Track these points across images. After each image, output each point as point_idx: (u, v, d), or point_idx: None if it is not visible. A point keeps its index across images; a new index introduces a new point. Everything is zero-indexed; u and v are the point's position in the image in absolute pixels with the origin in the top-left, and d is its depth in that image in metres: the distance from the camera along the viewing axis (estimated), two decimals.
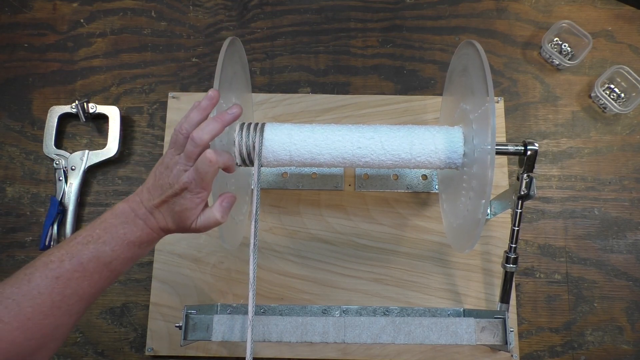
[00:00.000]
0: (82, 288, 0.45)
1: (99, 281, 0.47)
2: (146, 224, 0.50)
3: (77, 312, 0.46)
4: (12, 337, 0.42)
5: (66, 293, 0.45)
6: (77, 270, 0.45)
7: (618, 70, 0.83)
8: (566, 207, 0.81)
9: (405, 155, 0.63)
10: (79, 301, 0.46)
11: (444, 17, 0.90)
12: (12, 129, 0.85)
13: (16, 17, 0.91)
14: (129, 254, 0.49)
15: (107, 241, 0.47)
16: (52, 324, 0.44)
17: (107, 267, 0.47)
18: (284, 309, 0.75)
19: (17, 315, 0.42)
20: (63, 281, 0.44)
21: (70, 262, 0.45)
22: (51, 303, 0.44)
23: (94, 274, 0.46)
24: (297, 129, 0.64)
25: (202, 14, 0.91)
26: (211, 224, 0.51)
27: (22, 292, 0.43)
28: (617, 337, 0.76)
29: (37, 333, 0.43)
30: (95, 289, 0.47)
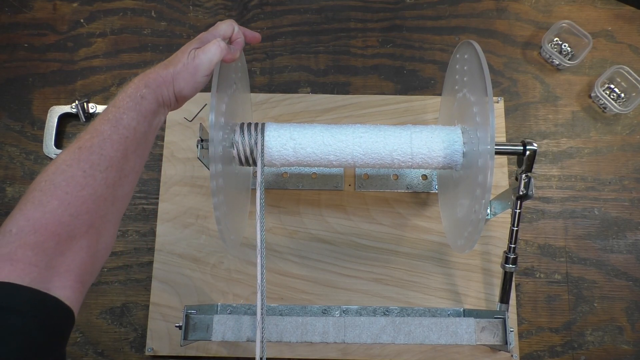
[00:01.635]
0: (106, 151, 0.45)
1: (119, 141, 0.46)
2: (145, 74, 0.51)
3: (113, 184, 0.46)
4: (56, 216, 0.41)
5: (93, 159, 0.45)
6: (94, 136, 0.46)
7: (618, 70, 0.83)
8: (566, 207, 0.81)
9: (405, 156, 0.63)
10: (109, 168, 0.45)
11: (444, 17, 0.90)
12: (12, 129, 0.85)
13: (16, 17, 0.91)
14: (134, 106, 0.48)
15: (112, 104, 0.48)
16: (92, 195, 0.44)
17: (120, 124, 0.47)
18: (284, 309, 0.75)
19: (54, 192, 0.42)
20: (86, 149, 0.45)
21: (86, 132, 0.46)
22: (82, 172, 0.44)
23: (112, 134, 0.46)
24: (299, 129, 0.64)
25: (202, 14, 0.91)
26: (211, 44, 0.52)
27: (52, 171, 0.44)
28: (617, 337, 0.76)
29: (80, 208, 0.43)
30: (120, 152, 0.46)
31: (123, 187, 0.48)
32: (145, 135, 0.50)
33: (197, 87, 0.53)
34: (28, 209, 0.42)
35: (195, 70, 0.52)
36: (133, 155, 0.48)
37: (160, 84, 0.50)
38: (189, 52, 0.52)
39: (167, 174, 0.81)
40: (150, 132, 0.51)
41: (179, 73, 0.51)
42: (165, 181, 0.81)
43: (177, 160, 0.82)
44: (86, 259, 0.44)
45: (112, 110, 0.48)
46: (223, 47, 0.53)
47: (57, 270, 0.41)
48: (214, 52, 0.52)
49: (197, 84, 0.53)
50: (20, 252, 0.39)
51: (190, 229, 0.79)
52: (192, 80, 0.52)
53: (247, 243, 0.78)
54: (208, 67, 0.52)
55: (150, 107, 0.50)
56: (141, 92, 0.49)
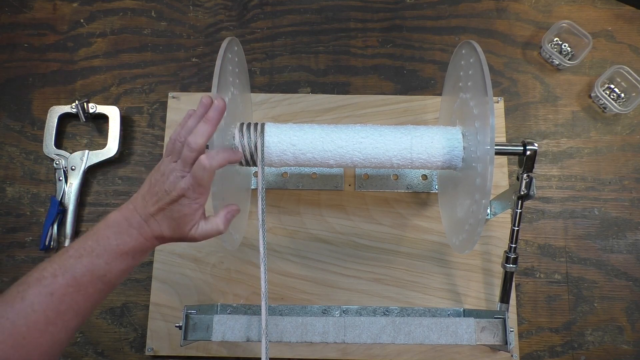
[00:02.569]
0: (77, 303, 0.45)
1: (93, 294, 0.46)
2: (140, 234, 0.49)
3: (73, 328, 0.45)
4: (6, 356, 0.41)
5: (61, 309, 0.43)
6: (70, 285, 0.44)
7: (618, 70, 0.83)
8: (566, 207, 0.81)
9: (405, 156, 0.63)
10: (74, 316, 0.45)
11: (444, 17, 0.90)
12: (12, 129, 0.85)
13: (16, 17, 0.91)
14: (122, 266, 0.48)
15: (100, 254, 0.46)
16: (49, 341, 0.43)
17: (101, 280, 0.46)
18: (284, 309, 0.75)
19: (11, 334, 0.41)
20: (57, 297, 0.43)
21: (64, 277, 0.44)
22: (46, 320, 0.43)
23: (89, 287, 0.45)
24: (299, 129, 0.64)
25: (202, 14, 0.91)
26: (212, 234, 0.51)
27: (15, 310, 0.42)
28: (617, 337, 0.76)
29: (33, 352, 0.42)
30: (90, 303, 0.46)
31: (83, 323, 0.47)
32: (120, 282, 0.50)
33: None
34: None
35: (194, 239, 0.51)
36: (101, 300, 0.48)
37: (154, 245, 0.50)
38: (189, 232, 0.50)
39: None
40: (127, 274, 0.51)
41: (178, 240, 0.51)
42: None
43: None
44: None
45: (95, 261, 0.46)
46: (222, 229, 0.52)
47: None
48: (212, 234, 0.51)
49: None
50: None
51: None
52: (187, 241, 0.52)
53: (247, 243, 0.78)
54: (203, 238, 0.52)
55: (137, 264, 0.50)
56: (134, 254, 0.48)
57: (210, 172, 0.48)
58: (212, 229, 0.51)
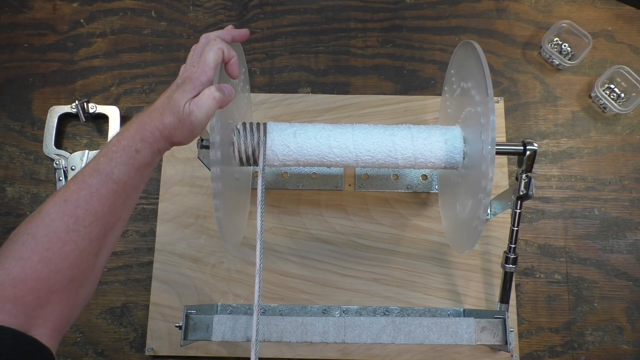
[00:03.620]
0: (93, 206, 0.44)
1: (107, 195, 0.45)
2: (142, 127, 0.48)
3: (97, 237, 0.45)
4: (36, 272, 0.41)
5: (78, 214, 0.43)
6: (81, 188, 0.44)
7: (618, 70, 0.83)
8: (566, 207, 0.81)
9: (406, 156, 0.63)
10: (94, 222, 0.44)
11: (444, 17, 0.90)
12: (12, 129, 0.85)
13: (16, 17, 0.91)
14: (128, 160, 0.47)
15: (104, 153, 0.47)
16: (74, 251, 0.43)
17: (110, 178, 0.45)
18: (284, 309, 0.75)
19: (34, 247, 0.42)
20: (72, 202, 0.44)
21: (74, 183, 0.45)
22: (66, 227, 0.43)
23: (100, 187, 0.45)
24: (301, 128, 0.64)
25: (202, 14, 0.91)
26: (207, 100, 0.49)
27: (34, 224, 0.43)
28: (617, 337, 0.76)
29: (61, 264, 0.42)
30: (107, 207, 0.45)
31: (108, 237, 0.47)
32: (136, 188, 0.48)
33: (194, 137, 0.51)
34: (9, 263, 0.41)
35: (192, 127, 0.49)
36: (121, 207, 0.47)
37: (157, 138, 0.49)
38: (184, 105, 0.49)
39: (167, 174, 0.81)
40: (142, 183, 0.49)
41: (176, 128, 0.49)
42: (165, 181, 0.81)
43: (177, 160, 0.82)
44: (65, 310, 0.43)
45: (103, 161, 0.46)
46: (217, 98, 0.50)
47: (35, 321, 0.41)
48: (209, 106, 0.49)
49: (195, 135, 0.51)
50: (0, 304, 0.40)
51: (190, 229, 0.79)
52: (190, 134, 0.50)
53: (247, 243, 0.78)
54: (205, 121, 0.50)
55: (145, 161, 0.48)
56: (137, 146, 0.47)
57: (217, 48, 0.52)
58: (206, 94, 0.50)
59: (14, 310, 0.40)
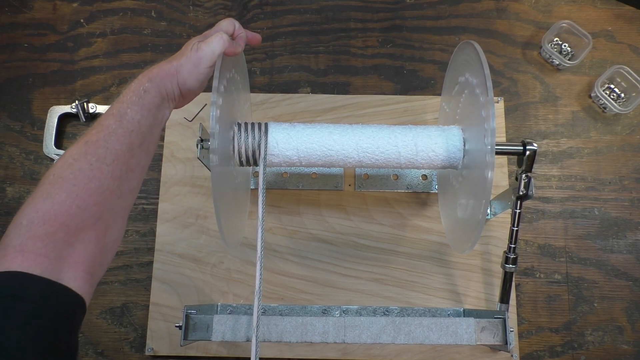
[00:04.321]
0: (112, 144, 0.46)
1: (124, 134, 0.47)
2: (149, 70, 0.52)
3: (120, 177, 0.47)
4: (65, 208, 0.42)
5: (99, 153, 0.46)
6: (100, 131, 0.47)
7: (618, 70, 0.83)
8: (566, 207, 0.81)
9: (407, 156, 0.63)
10: (115, 161, 0.46)
11: (444, 17, 0.90)
12: (12, 129, 0.85)
13: (16, 17, 0.91)
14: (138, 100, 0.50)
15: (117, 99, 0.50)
16: (99, 188, 0.45)
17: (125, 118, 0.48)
18: (284, 309, 0.75)
19: (61, 185, 0.43)
20: (92, 143, 0.46)
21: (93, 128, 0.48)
22: (89, 165, 0.45)
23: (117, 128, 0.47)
24: (302, 128, 0.64)
25: (202, 14, 0.91)
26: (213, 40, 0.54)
27: (59, 165, 0.45)
28: (617, 337, 0.76)
29: (87, 200, 0.44)
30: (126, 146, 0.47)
31: (129, 181, 0.48)
32: (150, 129, 0.50)
33: (200, 78, 0.54)
34: (37, 202, 0.42)
35: (198, 62, 0.53)
36: (138, 149, 0.49)
37: (163, 77, 0.51)
38: (192, 45, 0.53)
39: (167, 174, 0.81)
40: (156, 126, 0.52)
41: (182, 65, 0.52)
42: (165, 181, 0.81)
43: (177, 160, 0.82)
44: (95, 251, 0.44)
45: (116, 105, 0.49)
46: (225, 40, 0.54)
47: (67, 261, 0.42)
48: (217, 43, 0.53)
49: (201, 75, 0.54)
50: (31, 243, 0.40)
51: (190, 229, 0.79)
52: (195, 71, 0.53)
53: (247, 243, 0.78)
54: (211, 59, 0.53)
55: (154, 101, 0.51)
56: (144, 86, 0.50)
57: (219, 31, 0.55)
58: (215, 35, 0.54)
59: (45, 248, 0.41)
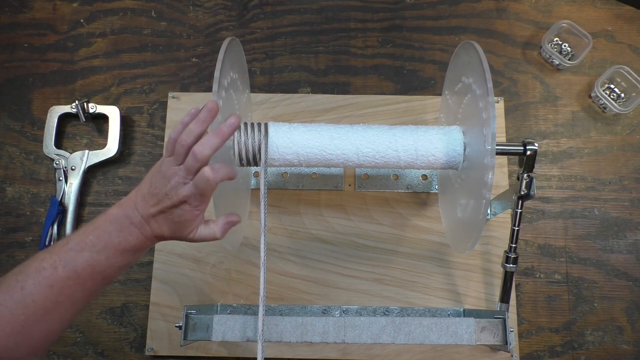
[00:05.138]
0: (75, 295, 0.46)
1: (92, 287, 0.47)
2: (141, 232, 0.49)
3: (69, 319, 0.47)
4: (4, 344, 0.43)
5: (59, 300, 0.45)
6: (70, 278, 0.45)
7: (618, 70, 0.83)
8: (566, 207, 0.81)
9: (408, 156, 0.63)
10: (71, 307, 0.46)
11: (444, 17, 0.90)
12: (12, 129, 0.85)
13: (16, 17, 0.91)
14: (122, 262, 0.49)
15: (101, 250, 0.47)
16: (44, 330, 0.45)
17: (101, 275, 0.47)
18: (284, 309, 0.75)
19: (9, 322, 0.43)
20: (57, 289, 0.44)
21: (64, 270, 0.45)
22: (44, 311, 0.44)
23: (88, 281, 0.46)
24: (303, 128, 0.64)
25: (202, 14, 0.91)
26: (208, 239, 0.52)
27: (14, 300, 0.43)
28: (617, 337, 0.76)
29: (28, 339, 0.44)
30: (87, 295, 0.47)
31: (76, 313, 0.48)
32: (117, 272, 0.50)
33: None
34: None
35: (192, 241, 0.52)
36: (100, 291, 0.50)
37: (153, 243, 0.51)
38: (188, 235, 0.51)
39: None
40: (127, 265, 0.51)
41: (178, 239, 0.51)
42: None
43: None
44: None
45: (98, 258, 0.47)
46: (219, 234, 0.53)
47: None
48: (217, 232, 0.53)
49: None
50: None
51: None
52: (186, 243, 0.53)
53: (247, 243, 0.78)
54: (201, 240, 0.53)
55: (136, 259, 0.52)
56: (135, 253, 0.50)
57: (214, 185, 0.48)
58: (209, 235, 0.52)
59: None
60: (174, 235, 0.51)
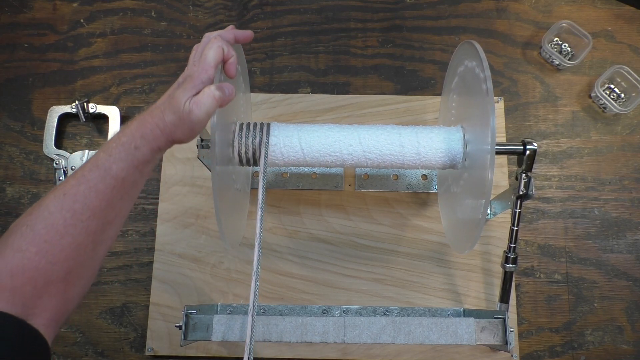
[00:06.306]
0: (91, 200, 0.45)
1: (105, 191, 0.46)
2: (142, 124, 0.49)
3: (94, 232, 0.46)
4: (34, 263, 0.42)
5: (76, 208, 0.44)
6: (80, 183, 0.45)
7: (618, 70, 0.83)
8: (566, 207, 0.81)
9: (411, 156, 0.63)
10: (91, 217, 0.45)
11: (444, 17, 0.90)
12: (12, 129, 0.85)
13: (16, 17, 0.91)
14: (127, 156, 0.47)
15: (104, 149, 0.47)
16: (71, 244, 0.44)
17: (109, 173, 0.46)
18: (284, 309, 0.75)
19: (33, 239, 0.42)
20: (70, 196, 0.44)
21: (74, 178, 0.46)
22: (64, 221, 0.43)
23: (98, 182, 0.45)
24: (304, 129, 0.64)
25: (202, 14, 0.91)
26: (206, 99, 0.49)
27: (34, 216, 0.44)
28: (617, 337, 0.76)
29: (58, 256, 0.43)
30: (105, 202, 0.46)
31: (106, 232, 0.47)
32: (134, 184, 0.49)
33: (195, 135, 0.51)
34: (7, 254, 0.42)
35: (192, 125, 0.49)
36: (119, 202, 0.47)
37: (157, 135, 0.49)
38: (184, 104, 0.49)
39: (167, 174, 0.81)
40: (142, 179, 0.50)
41: (176, 126, 0.49)
42: (165, 181, 0.81)
43: (177, 160, 0.82)
44: (61, 301, 0.44)
45: (102, 156, 0.47)
46: (217, 97, 0.50)
47: (32, 310, 0.42)
48: (209, 105, 0.49)
49: (196, 133, 0.51)
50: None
51: (190, 229, 0.79)
52: (190, 132, 0.50)
53: (247, 243, 0.78)
54: (205, 120, 0.50)
55: (144, 158, 0.48)
56: (136, 142, 0.47)
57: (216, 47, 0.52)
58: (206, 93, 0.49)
59: (12, 298, 0.40)
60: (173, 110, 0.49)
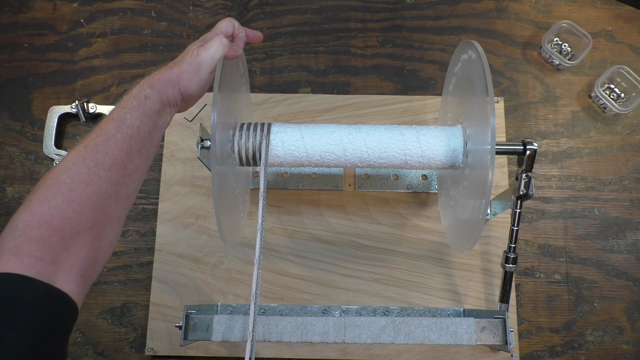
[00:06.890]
0: (111, 150, 0.46)
1: (123, 139, 0.47)
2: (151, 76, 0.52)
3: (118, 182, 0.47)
4: (61, 212, 0.43)
5: (98, 157, 0.46)
6: (98, 135, 0.47)
7: (618, 70, 0.83)
8: (566, 207, 0.81)
9: (412, 157, 0.63)
10: (113, 166, 0.46)
11: (444, 17, 0.90)
12: (12, 129, 0.85)
13: (16, 17, 0.91)
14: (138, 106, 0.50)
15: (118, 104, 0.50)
16: (96, 192, 0.45)
17: (124, 123, 0.48)
18: (284, 309, 0.75)
19: (58, 189, 0.43)
20: (91, 148, 0.46)
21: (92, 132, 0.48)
22: (87, 170, 0.45)
23: (115, 132, 0.47)
24: (307, 128, 0.64)
25: (202, 14, 0.91)
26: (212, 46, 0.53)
27: (58, 169, 0.45)
28: (617, 337, 0.76)
29: (84, 204, 0.44)
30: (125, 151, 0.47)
31: (127, 185, 0.48)
32: (149, 135, 0.50)
33: (202, 84, 0.54)
34: (34, 205, 0.43)
35: (198, 68, 0.53)
36: (137, 155, 0.49)
37: (164, 83, 0.52)
38: (192, 51, 0.53)
39: (167, 174, 0.81)
40: (155, 132, 0.52)
41: (183, 72, 0.52)
42: (165, 181, 0.81)
43: (177, 160, 0.82)
44: (89, 254, 0.45)
45: (116, 110, 0.49)
46: (225, 44, 0.54)
47: (61, 264, 0.42)
48: (216, 48, 0.53)
49: (202, 81, 0.54)
50: (26, 246, 0.40)
51: (190, 229, 0.79)
52: (196, 78, 0.53)
53: (247, 243, 0.78)
54: (211, 64, 0.53)
55: (154, 107, 0.51)
56: (145, 92, 0.50)
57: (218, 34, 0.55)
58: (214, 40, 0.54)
59: (40, 252, 0.41)
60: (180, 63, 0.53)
